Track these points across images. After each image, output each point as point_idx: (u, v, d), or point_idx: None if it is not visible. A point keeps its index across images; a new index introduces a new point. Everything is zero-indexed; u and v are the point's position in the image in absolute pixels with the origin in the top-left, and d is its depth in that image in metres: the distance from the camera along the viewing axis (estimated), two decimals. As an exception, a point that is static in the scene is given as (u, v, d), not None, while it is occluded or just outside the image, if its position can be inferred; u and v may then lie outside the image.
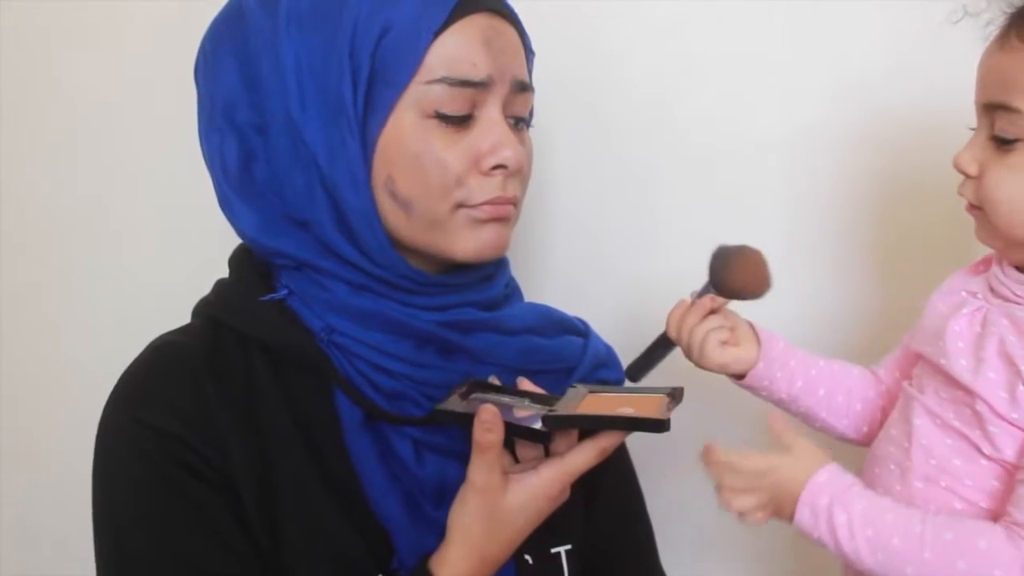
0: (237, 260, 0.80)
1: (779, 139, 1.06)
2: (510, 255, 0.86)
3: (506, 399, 0.73)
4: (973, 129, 0.78)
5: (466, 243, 0.73)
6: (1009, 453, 0.72)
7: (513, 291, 0.85)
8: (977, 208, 0.76)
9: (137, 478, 0.70)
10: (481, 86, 0.71)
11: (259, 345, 0.74)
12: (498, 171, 0.72)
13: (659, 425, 0.66)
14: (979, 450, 0.73)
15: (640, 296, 1.11)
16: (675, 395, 0.71)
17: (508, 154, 0.72)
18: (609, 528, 0.84)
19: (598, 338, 0.85)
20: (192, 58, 0.77)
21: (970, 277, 0.82)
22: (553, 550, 0.78)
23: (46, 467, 1.29)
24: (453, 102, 0.70)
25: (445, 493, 0.73)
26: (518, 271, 0.87)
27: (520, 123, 0.77)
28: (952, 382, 0.75)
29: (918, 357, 0.82)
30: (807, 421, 0.91)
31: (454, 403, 0.72)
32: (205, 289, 0.80)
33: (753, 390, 0.91)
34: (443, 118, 0.70)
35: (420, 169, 0.70)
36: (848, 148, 1.04)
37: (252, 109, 0.72)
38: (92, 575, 0.72)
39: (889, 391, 0.90)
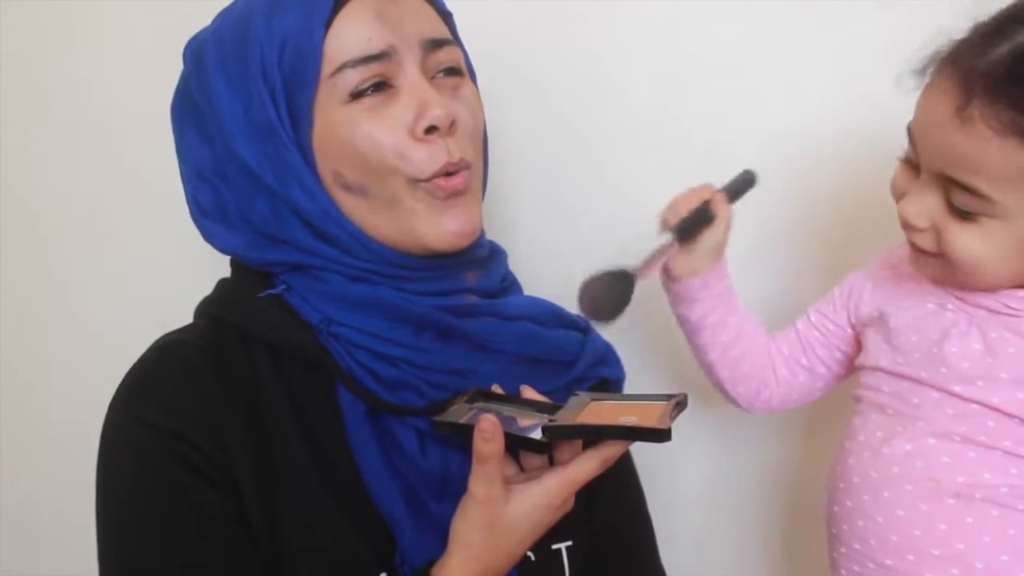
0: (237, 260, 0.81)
1: (780, 137, 1.06)
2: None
3: (508, 409, 0.73)
4: (903, 159, 0.76)
5: (433, 229, 0.74)
6: None
7: (511, 284, 0.85)
8: (935, 255, 0.74)
9: (140, 477, 0.70)
10: (384, 57, 0.72)
11: (262, 342, 0.75)
12: (433, 134, 0.72)
13: (660, 435, 0.66)
14: (1019, 455, 0.72)
15: (639, 295, 1.11)
16: (679, 403, 0.71)
17: (437, 113, 0.72)
18: (610, 524, 0.84)
19: (598, 335, 0.85)
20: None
21: (915, 284, 0.80)
22: (554, 546, 0.78)
23: (47, 466, 1.29)
24: (364, 82, 0.71)
25: (448, 484, 0.73)
26: (517, 272, 0.88)
27: (451, 73, 0.76)
28: (958, 397, 0.74)
29: (896, 376, 0.79)
30: (697, 354, 0.93)
31: (454, 414, 0.72)
32: (208, 289, 0.81)
33: (675, 296, 0.91)
34: (359, 95, 0.71)
35: (357, 152, 0.72)
36: (850, 147, 1.04)
37: (214, 160, 0.75)
38: (93, 574, 0.72)
39: (774, 365, 0.91)
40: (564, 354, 0.80)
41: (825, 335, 0.90)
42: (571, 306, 0.87)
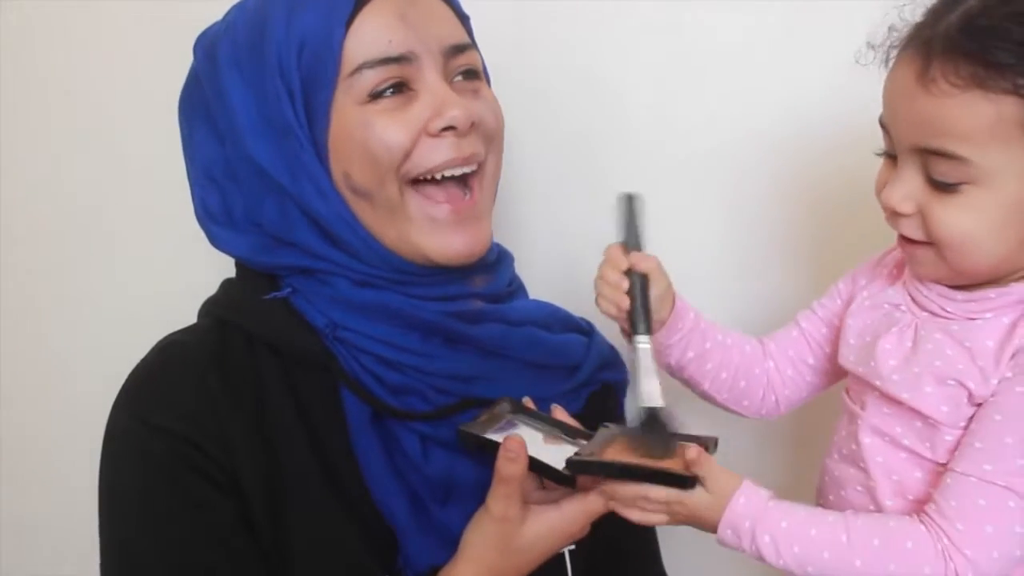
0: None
1: (780, 137, 1.06)
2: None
3: (537, 426, 0.73)
4: (882, 154, 0.74)
5: (435, 243, 0.73)
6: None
7: (517, 288, 0.85)
8: (925, 244, 0.72)
9: (143, 479, 0.70)
10: (404, 60, 0.71)
11: (266, 345, 0.74)
12: (448, 132, 0.72)
13: (684, 482, 0.65)
14: (936, 461, 0.72)
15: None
16: (708, 446, 0.70)
17: (455, 113, 0.71)
18: (612, 528, 0.83)
19: (602, 338, 0.85)
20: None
21: (886, 285, 0.80)
22: (557, 550, 0.78)
23: (47, 466, 1.29)
24: (383, 83, 0.71)
25: (452, 490, 0.73)
26: (521, 274, 0.88)
27: (470, 77, 0.76)
28: (882, 394, 0.74)
29: (852, 375, 0.79)
30: (688, 386, 0.87)
31: (481, 426, 0.71)
32: (212, 288, 0.81)
33: None
34: (377, 96, 0.71)
35: (368, 154, 0.71)
36: (850, 147, 1.04)
37: (224, 160, 0.75)
38: (93, 574, 0.72)
39: (777, 368, 0.88)
40: (568, 358, 0.80)
41: (832, 331, 0.87)
42: (575, 308, 0.87)
